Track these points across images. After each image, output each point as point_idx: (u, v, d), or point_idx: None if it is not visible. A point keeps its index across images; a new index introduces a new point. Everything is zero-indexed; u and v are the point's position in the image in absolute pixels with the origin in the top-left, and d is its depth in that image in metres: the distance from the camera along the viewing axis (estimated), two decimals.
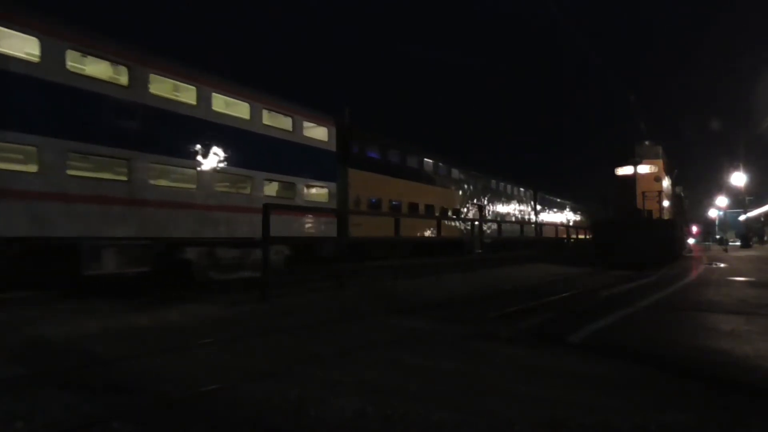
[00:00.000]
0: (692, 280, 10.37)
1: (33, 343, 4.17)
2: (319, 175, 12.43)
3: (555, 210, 34.08)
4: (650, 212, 19.66)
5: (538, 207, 30.76)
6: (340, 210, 13.39)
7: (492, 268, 12.57)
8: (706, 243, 57.01)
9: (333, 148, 12.91)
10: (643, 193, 19.69)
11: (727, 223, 63.05)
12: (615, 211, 21.54)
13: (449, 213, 20.24)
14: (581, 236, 26.40)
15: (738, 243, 40.68)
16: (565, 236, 25.38)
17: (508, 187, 27.31)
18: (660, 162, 20.86)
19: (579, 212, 39.29)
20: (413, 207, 17.78)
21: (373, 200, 15.90)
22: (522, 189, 29.02)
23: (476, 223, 20.43)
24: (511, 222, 24.59)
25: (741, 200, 38.93)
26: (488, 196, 24.50)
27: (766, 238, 44.95)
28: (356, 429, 2.38)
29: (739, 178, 35.12)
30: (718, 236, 56.31)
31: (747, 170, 34.86)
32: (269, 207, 6.73)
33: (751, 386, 3.08)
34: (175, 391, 2.89)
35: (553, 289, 9.00)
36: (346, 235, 13.25)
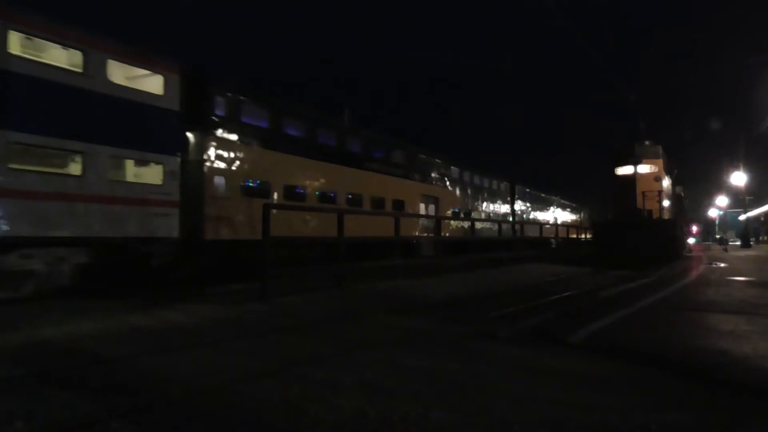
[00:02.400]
0: (692, 279, 10.36)
1: (33, 343, 4.17)
2: (145, 144, 8.70)
3: (539, 206, 31.11)
4: (650, 212, 19.68)
5: (518, 202, 27.66)
6: (183, 204, 9.06)
7: (492, 268, 12.58)
8: (707, 243, 57.05)
9: (175, 106, 9.27)
10: (643, 193, 19.71)
11: (727, 222, 63.08)
12: (615, 211, 21.55)
13: (387, 206, 16.36)
14: (574, 236, 24.82)
15: (738, 243, 40.70)
16: (553, 236, 23.41)
17: (476, 177, 23.37)
18: (660, 162, 20.89)
19: (570, 209, 37.10)
20: (327, 197, 13.87)
21: (256, 184, 11.67)
22: (495, 181, 25.45)
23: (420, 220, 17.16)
24: (479, 220, 21.47)
25: (741, 200, 38.94)
26: (448, 187, 20.67)
27: (764, 238, 44.96)
28: (356, 429, 2.38)
29: (739, 178, 35.17)
30: (718, 236, 56.33)
31: (747, 170, 34.93)
32: (269, 207, 6.71)
33: (751, 386, 3.08)
34: (175, 391, 2.89)
35: (553, 289, 9.00)
36: (199, 233, 9.71)
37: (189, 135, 9.99)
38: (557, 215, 34.44)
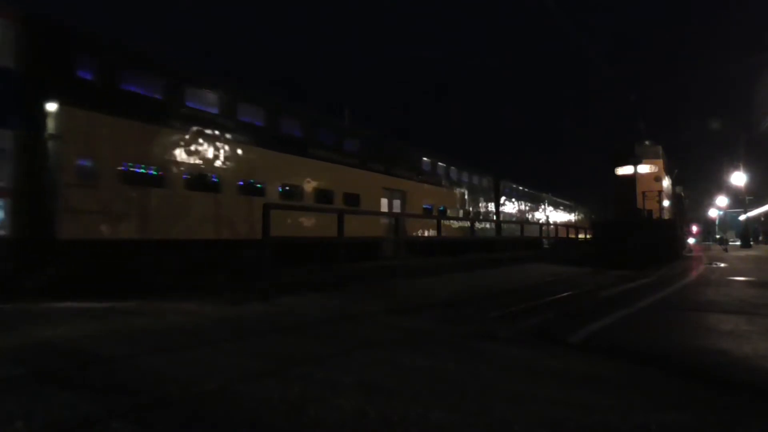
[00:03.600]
0: (692, 279, 10.36)
1: (33, 343, 4.17)
2: None
3: (528, 205, 29.66)
4: (650, 212, 19.70)
5: (503, 200, 26.09)
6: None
7: (491, 268, 12.58)
8: (707, 243, 57.10)
9: (7, 62, 7.30)
10: (643, 193, 19.73)
11: (727, 222, 63.16)
12: (615, 211, 21.57)
13: (337, 201, 13.97)
14: (570, 236, 24.45)
15: (738, 243, 40.72)
16: (546, 236, 22.63)
17: (454, 170, 21.28)
18: (660, 162, 20.93)
19: (563, 208, 36.25)
20: (253, 188, 11.50)
21: (143, 170, 9.20)
22: (477, 176, 23.24)
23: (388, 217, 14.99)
24: (455, 218, 20.02)
25: (741, 200, 38.96)
26: (418, 180, 18.55)
27: (761, 238, 45.04)
28: (356, 429, 2.38)
29: (739, 178, 35.20)
30: (718, 236, 56.38)
31: (747, 170, 34.97)
32: (269, 207, 6.70)
33: (751, 386, 3.08)
34: (175, 391, 2.89)
35: (552, 289, 9.00)
36: (51, 231, 7.63)
37: (41, 103, 7.75)
38: (549, 215, 33.41)
